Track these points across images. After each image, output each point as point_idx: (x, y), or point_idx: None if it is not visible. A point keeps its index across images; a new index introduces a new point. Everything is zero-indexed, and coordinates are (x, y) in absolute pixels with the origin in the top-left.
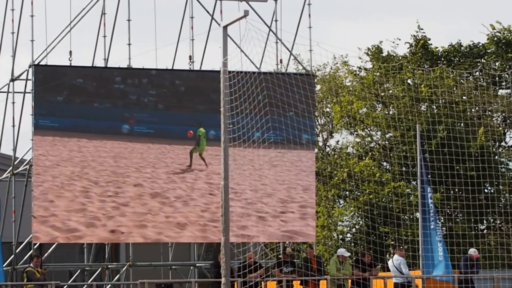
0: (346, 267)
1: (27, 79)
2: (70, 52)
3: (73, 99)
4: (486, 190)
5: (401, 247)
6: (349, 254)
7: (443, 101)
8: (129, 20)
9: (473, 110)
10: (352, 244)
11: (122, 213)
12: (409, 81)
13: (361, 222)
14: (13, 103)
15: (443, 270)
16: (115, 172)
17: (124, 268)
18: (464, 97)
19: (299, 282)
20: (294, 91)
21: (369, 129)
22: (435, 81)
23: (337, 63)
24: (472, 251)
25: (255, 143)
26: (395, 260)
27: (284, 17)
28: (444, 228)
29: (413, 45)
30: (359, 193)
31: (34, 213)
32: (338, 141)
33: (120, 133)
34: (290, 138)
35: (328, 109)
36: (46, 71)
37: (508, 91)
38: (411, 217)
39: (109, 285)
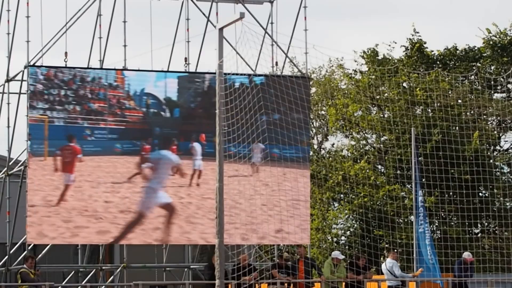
0: (340, 270)
1: (22, 80)
2: (66, 53)
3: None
4: (480, 194)
5: (395, 250)
6: (343, 257)
7: (438, 104)
8: (124, 22)
9: (468, 113)
10: (347, 247)
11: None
12: (404, 84)
13: (355, 225)
14: (8, 103)
15: (433, 274)
16: None
17: (118, 270)
18: (459, 101)
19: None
20: (290, 93)
21: (364, 132)
22: (431, 85)
23: (332, 65)
24: (466, 254)
25: (250, 145)
26: (388, 263)
27: (280, 20)
28: (439, 232)
29: (408, 48)
30: (353, 196)
31: (28, 214)
32: (333, 143)
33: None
34: (285, 140)
35: (323, 112)
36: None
37: (503, 95)
38: (406, 220)
39: (103, 287)
